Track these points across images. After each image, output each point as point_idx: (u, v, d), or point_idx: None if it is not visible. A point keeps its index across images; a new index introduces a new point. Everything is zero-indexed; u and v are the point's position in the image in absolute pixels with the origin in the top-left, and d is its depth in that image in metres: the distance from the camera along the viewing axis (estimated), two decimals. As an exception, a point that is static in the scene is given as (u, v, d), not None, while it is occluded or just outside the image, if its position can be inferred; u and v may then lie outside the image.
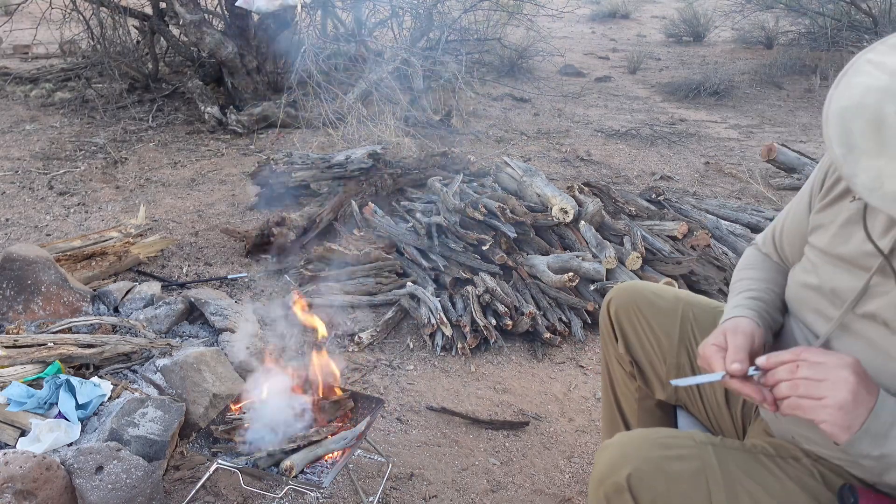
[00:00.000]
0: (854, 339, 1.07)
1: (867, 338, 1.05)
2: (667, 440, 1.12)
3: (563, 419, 2.39)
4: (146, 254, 3.31)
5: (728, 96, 7.25)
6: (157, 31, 6.26)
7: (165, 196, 4.22)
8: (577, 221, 3.34)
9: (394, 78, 5.58)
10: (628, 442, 1.14)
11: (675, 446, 1.11)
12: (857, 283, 1.06)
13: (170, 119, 5.68)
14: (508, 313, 2.82)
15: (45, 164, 4.64)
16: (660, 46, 10.41)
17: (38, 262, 2.60)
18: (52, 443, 1.86)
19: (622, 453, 1.12)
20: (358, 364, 2.64)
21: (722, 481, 1.06)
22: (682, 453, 1.10)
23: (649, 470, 1.08)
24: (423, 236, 3.29)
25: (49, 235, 3.64)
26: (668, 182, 4.70)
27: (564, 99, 6.91)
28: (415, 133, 5.06)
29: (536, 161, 4.99)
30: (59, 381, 2.04)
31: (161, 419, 1.99)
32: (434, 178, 3.81)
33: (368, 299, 3.03)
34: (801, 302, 1.21)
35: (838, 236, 1.11)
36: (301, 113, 5.31)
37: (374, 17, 6.79)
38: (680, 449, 1.10)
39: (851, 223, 1.09)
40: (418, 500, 1.99)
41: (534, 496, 2.03)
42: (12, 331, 2.35)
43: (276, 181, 3.90)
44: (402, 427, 2.30)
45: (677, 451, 1.10)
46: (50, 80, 6.41)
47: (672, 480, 1.07)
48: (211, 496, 1.93)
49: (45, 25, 6.30)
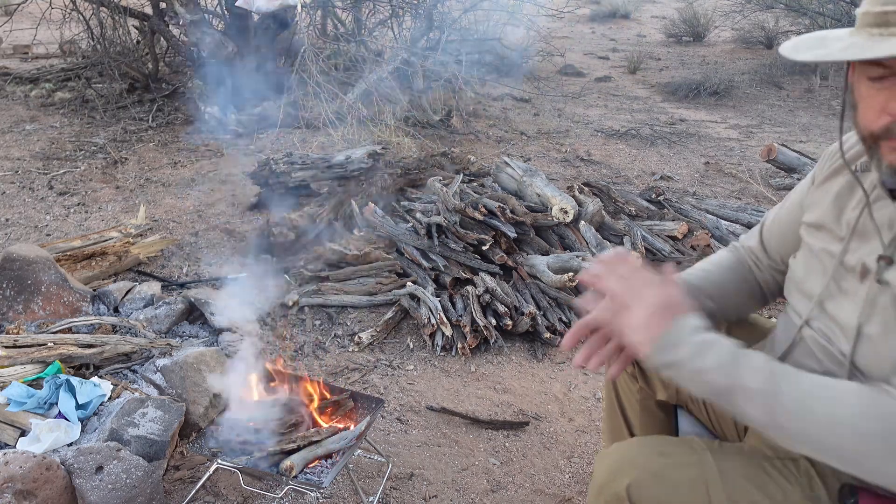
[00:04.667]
0: (844, 297, 1.09)
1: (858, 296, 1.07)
2: (665, 448, 1.12)
3: (563, 419, 2.39)
4: (146, 254, 3.31)
5: (728, 96, 7.25)
6: (157, 31, 6.26)
7: (165, 196, 4.22)
8: (577, 221, 3.34)
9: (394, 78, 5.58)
10: (627, 451, 1.14)
11: (674, 454, 1.11)
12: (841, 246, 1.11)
13: (170, 119, 5.68)
14: (508, 313, 2.82)
15: (45, 164, 4.64)
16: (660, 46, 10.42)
17: (38, 262, 2.60)
18: (52, 443, 1.86)
19: (621, 462, 1.12)
20: (358, 364, 2.64)
21: (722, 488, 1.06)
22: (681, 461, 1.10)
23: (649, 479, 1.08)
24: (423, 236, 3.29)
25: (49, 235, 3.64)
26: (668, 182, 4.70)
27: (564, 99, 6.91)
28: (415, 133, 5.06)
29: (536, 161, 4.99)
30: (59, 381, 2.04)
31: (161, 419, 1.99)
32: (434, 178, 3.81)
33: (368, 299, 3.03)
34: (789, 291, 1.23)
35: (830, 209, 1.15)
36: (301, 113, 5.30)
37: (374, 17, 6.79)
38: (679, 456, 1.10)
39: (842, 196, 1.14)
40: (418, 500, 1.99)
41: (534, 496, 2.03)
42: (12, 331, 2.35)
43: (276, 181, 3.90)
44: (402, 427, 2.30)
45: (676, 459, 1.10)
46: (50, 80, 6.40)
47: (672, 489, 1.07)
48: (211, 496, 1.93)
49: (45, 25, 6.30)
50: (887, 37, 0.92)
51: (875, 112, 0.98)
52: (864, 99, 1.00)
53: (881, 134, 0.98)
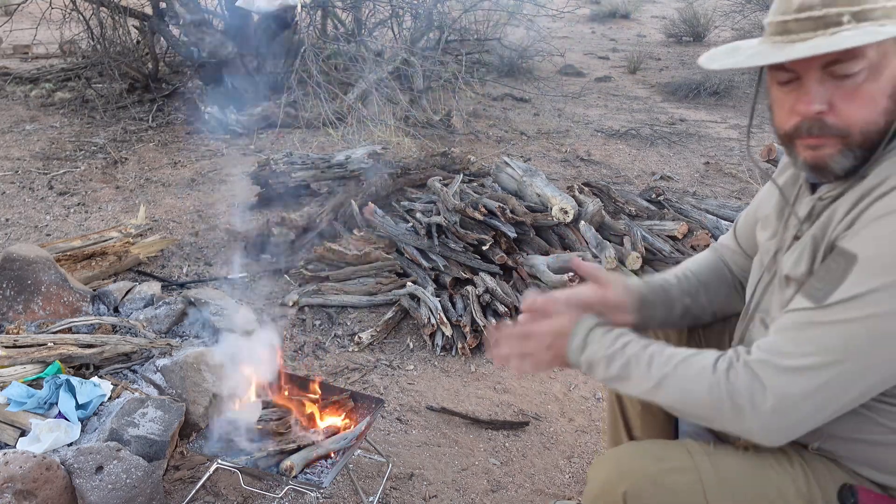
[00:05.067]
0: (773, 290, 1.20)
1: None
2: (662, 452, 1.12)
3: (563, 419, 2.39)
4: (146, 254, 3.31)
5: (728, 96, 7.25)
6: (157, 31, 6.25)
7: (165, 196, 4.22)
8: (577, 221, 3.34)
9: (394, 78, 5.58)
10: (623, 456, 1.15)
11: (671, 458, 1.11)
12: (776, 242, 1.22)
13: (170, 119, 5.68)
14: (508, 313, 2.82)
15: (45, 164, 4.64)
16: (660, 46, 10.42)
17: (38, 262, 2.60)
18: (52, 443, 1.86)
19: (618, 469, 1.12)
20: (358, 364, 2.64)
21: (719, 491, 1.06)
22: (678, 465, 1.10)
23: (646, 485, 1.08)
24: (423, 236, 3.29)
25: (49, 235, 3.64)
26: (668, 182, 4.70)
27: (564, 99, 6.91)
28: (415, 133, 5.06)
29: (536, 161, 4.99)
30: (59, 381, 2.04)
31: (161, 419, 1.99)
32: (434, 178, 3.81)
33: (368, 299, 3.03)
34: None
35: (775, 205, 1.26)
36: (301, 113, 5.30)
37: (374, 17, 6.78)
38: (675, 461, 1.10)
39: (786, 190, 1.24)
40: (418, 500, 1.99)
41: (534, 496, 2.03)
42: (12, 331, 2.35)
43: (276, 181, 3.90)
44: (402, 427, 2.30)
45: (672, 464, 1.10)
46: (50, 80, 6.40)
47: (669, 494, 1.08)
48: (211, 496, 1.93)
49: (45, 25, 6.30)
50: (788, 43, 1.01)
51: (786, 113, 1.07)
52: (776, 102, 1.10)
53: (793, 133, 1.07)
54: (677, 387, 1.07)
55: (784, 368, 0.99)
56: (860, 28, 0.96)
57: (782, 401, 0.98)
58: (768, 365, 1.00)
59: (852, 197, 1.04)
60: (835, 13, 0.97)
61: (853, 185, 1.05)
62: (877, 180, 1.01)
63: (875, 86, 1.00)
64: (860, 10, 0.96)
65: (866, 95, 1.00)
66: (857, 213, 1.02)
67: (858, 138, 1.02)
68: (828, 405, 0.99)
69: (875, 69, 0.99)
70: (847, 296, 0.97)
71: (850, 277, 0.98)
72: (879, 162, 1.03)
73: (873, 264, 0.96)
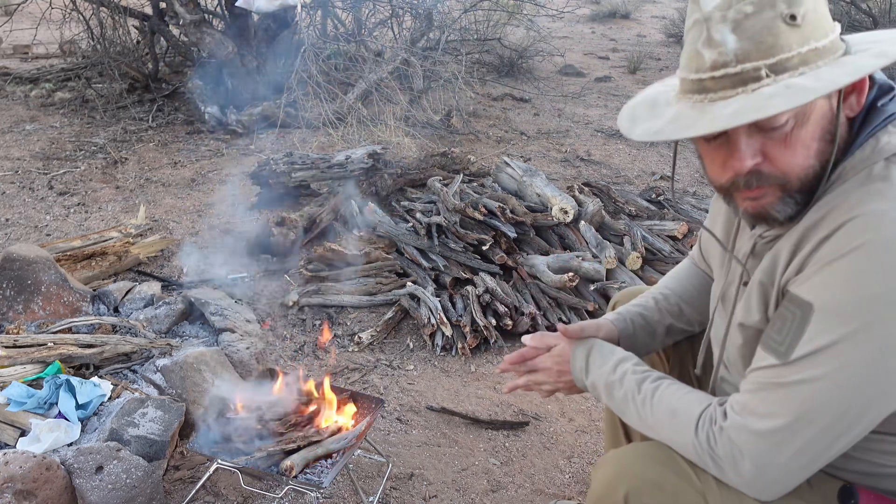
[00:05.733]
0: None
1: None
2: (662, 455, 1.12)
3: (563, 419, 2.39)
4: (146, 254, 3.31)
5: (728, 96, 7.24)
6: (157, 31, 6.25)
7: (165, 196, 4.22)
8: (577, 221, 3.34)
9: (394, 78, 5.58)
10: (623, 459, 1.15)
11: (671, 461, 1.11)
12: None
13: (170, 119, 5.68)
14: (508, 313, 2.82)
15: (45, 164, 4.64)
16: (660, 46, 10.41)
17: (38, 262, 2.60)
18: (52, 443, 1.86)
19: (618, 472, 1.12)
20: (358, 364, 2.64)
21: (719, 494, 1.06)
22: (678, 469, 1.10)
23: (646, 488, 1.08)
24: (423, 236, 3.29)
25: (49, 235, 3.64)
26: (668, 182, 4.70)
27: (564, 99, 6.91)
28: (415, 133, 5.05)
29: (536, 161, 4.99)
30: (59, 381, 2.04)
31: (161, 419, 1.99)
32: (434, 178, 3.81)
33: (368, 299, 3.03)
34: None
35: (723, 220, 1.29)
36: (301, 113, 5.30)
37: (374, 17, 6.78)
38: (675, 464, 1.10)
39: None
40: (418, 500, 1.99)
41: (534, 496, 2.03)
42: (12, 331, 2.35)
43: (276, 181, 3.90)
44: (402, 427, 2.30)
45: (673, 467, 1.10)
46: (50, 80, 6.40)
47: (669, 496, 1.08)
48: (211, 496, 1.93)
49: (45, 25, 6.30)
50: (709, 103, 0.96)
51: (718, 168, 1.04)
52: (706, 156, 1.07)
53: (730, 187, 1.04)
54: (667, 439, 1.12)
55: (759, 433, 0.99)
56: (780, 81, 0.91)
57: (763, 467, 0.99)
58: (743, 430, 1.01)
59: (794, 235, 1.03)
60: (751, 68, 0.92)
61: (794, 223, 1.04)
62: (817, 216, 1.00)
63: (804, 131, 0.97)
64: (776, 62, 0.91)
65: (797, 143, 0.97)
66: (804, 256, 1.00)
67: (797, 184, 1.00)
68: (815, 460, 0.99)
69: (801, 115, 0.97)
70: (810, 350, 0.96)
71: (810, 329, 0.96)
72: (819, 199, 1.01)
73: (830, 314, 0.95)
